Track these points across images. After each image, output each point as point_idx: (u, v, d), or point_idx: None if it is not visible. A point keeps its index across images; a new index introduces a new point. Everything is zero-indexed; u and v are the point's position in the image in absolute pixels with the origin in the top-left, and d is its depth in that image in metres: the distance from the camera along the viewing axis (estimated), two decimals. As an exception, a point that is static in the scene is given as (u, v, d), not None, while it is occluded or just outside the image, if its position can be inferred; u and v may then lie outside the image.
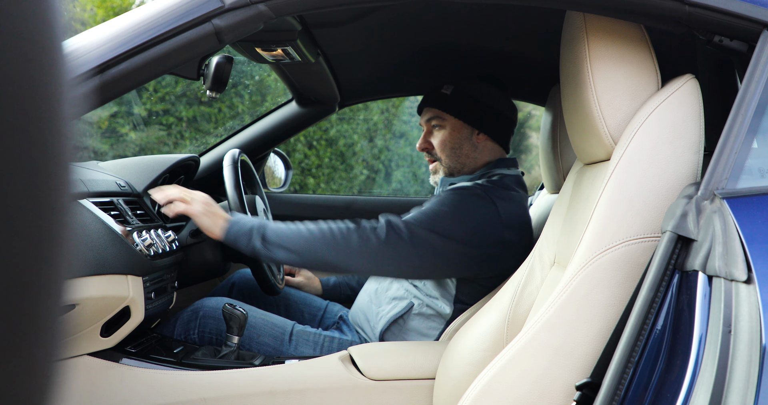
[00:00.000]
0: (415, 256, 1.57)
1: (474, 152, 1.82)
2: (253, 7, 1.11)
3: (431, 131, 1.85)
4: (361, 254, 1.56)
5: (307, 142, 6.67)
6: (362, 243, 1.56)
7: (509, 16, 1.69)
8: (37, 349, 0.27)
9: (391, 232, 1.57)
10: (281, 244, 1.57)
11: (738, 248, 0.88)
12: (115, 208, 1.52)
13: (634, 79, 1.12)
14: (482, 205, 1.64)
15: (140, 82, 1.13)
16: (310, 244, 1.57)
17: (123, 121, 6.02)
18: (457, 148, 1.82)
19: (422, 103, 1.89)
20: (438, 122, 1.83)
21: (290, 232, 1.59)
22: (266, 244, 1.57)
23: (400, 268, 1.59)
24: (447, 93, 1.82)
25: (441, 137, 1.82)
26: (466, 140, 1.82)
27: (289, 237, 1.58)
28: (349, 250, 1.56)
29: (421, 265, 1.59)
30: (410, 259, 1.57)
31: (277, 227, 1.60)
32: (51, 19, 0.27)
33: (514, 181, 1.77)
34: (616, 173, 1.05)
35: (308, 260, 1.58)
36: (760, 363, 0.82)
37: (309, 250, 1.57)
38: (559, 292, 1.05)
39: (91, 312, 1.32)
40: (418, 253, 1.57)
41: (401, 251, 1.56)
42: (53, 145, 0.27)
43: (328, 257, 1.57)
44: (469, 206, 1.64)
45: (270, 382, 1.43)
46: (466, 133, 1.82)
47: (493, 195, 1.67)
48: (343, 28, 1.80)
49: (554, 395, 1.03)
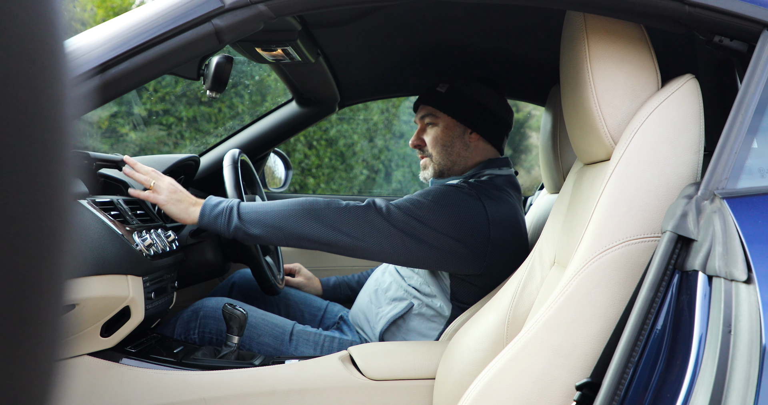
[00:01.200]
0: (397, 239, 1.55)
1: (465, 151, 1.83)
2: (253, 7, 1.11)
3: (424, 128, 1.86)
4: (340, 227, 1.54)
5: (307, 142, 6.67)
6: (341, 216, 1.54)
7: (509, 16, 1.69)
8: (39, 348, 0.27)
9: (371, 210, 1.56)
10: (259, 220, 1.54)
11: (738, 248, 0.88)
12: (115, 208, 1.52)
13: (634, 79, 1.13)
14: (468, 200, 1.64)
15: (140, 82, 1.13)
16: (289, 217, 1.54)
17: (123, 121, 6.03)
18: (449, 146, 1.82)
19: (417, 100, 1.90)
20: (431, 120, 1.84)
21: (265, 206, 1.57)
22: (243, 222, 1.55)
23: (382, 249, 1.56)
24: (442, 91, 1.83)
25: (433, 134, 1.83)
26: (458, 138, 1.82)
27: (265, 212, 1.56)
28: (328, 222, 1.54)
29: (404, 249, 1.56)
30: (391, 239, 1.55)
31: (252, 204, 1.58)
32: (52, 18, 0.27)
33: (504, 181, 1.77)
34: (616, 173, 1.06)
35: (288, 235, 1.55)
36: (760, 363, 0.82)
37: (285, 223, 1.54)
38: (559, 292, 1.05)
39: (91, 312, 1.32)
40: (400, 236, 1.55)
41: (381, 230, 1.54)
42: (54, 144, 0.27)
43: (307, 230, 1.54)
44: (454, 200, 1.63)
45: (270, 382, 1.43)
46: (459, 131, 1.82)
47: (480, 193, 1.67)
48: (343, 28, 1.80)
49: (554, 395, 1.03)
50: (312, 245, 1.57)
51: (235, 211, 1.56)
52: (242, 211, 1.56)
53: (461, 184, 1.70)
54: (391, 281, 1.81)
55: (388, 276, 1.84)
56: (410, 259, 1.60)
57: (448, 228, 1.59)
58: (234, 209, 1.56)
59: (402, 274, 1.81)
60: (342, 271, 2.41)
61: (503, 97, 1.88)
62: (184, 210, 1.58)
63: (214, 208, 1.57)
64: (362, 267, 2.45)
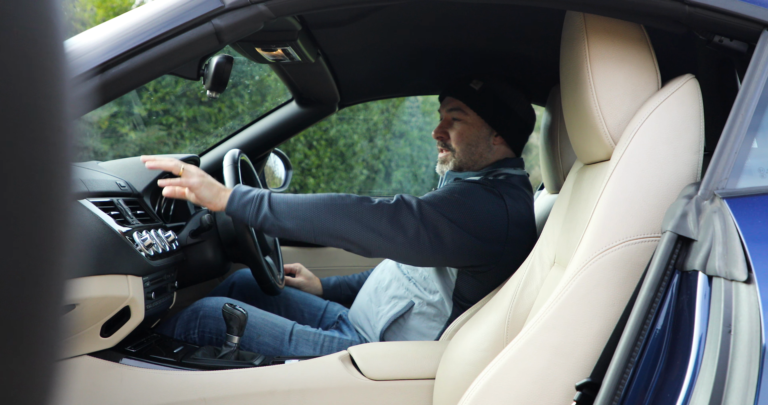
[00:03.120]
0: (424, 236, 1.52)
1: (488, 152, 1.82)
2: (253, 7, 1.11)
3: (450, 122, 1.83)
4: (372, 225, 1.50)
5: (307, 142, 6.67)
6: (374, 213, 1.51)
7: (509, 16, 1.69)
8: (39, 348, 0.27)
9: (402, 206, 1.53)
10: (290, 212, 1.51)
11: (738, 248, 0.88)
12: (115, 208, 1.52)
13: (634, 79, 1.12)
14: (492, 199, 1.64)
15: (140, 82, 1.13)
16: (320, 211, 1.51)
17: (123, 121, 6.02)
18: (473, 145, 1.81)
19: (446, 90, 1.86)
20: (459, 115, 1.81)
21: (297, 198, 1.53)
22: (273, 212, 1.51)
23: (409, 248, 1.53)
24: (475, 88, 1.80)
25: (459, 130, 1.81)
26: (483, 139, 1.81)
27: (297, 204, 1.52)
28: (359, 219, 1.50)
29: (429, 247, 1.53)
30: (419, 237, 1.52)
31: (283, 195, 1.54)
32: (52, 18, 0.27)
33: (520, 181, 1.77)
34: (616, 173, 1.05)
35: (318, 229, 1.51)
36: (760, 363, 0.82)
37: (317, 217, 1.50)
38: (559, 292, 1.05)
39: (91, 312, 1.32)
40: (427, 232, 1.53)
41: (411, 227, 1.52)
42: (55, 144, 0.27)
43: (338, 225, 1.50)
44: (479, 198, 1.62)
45: (270, 382, 1.43)
46: (485, 132, 1.81)
47: (502, 191, 1.67)
48: (343, 28, 1.80)
49: (554, 395, 1.03)
50: (339, 243, 1.53)
51: (266, 200, 1.52)
52: (273, 201, 1.52)
53: (484, 181, 1.70)
54: (390, 279, 1.81)
55: (388, 273, 1.84)
56: (433, 258, 1.58)
57: (472, 225, 1.58)
58: (265, 198, 1.52)
59: (402, 269, 1.80)
60: (342, 271, 2.41)
61: (530, 101, 1.87)
62: (216, 194, 1.53)
63: (244, 195, 1.53)
64: (362, 267, 2.45)
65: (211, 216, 1.85)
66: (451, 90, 1.84)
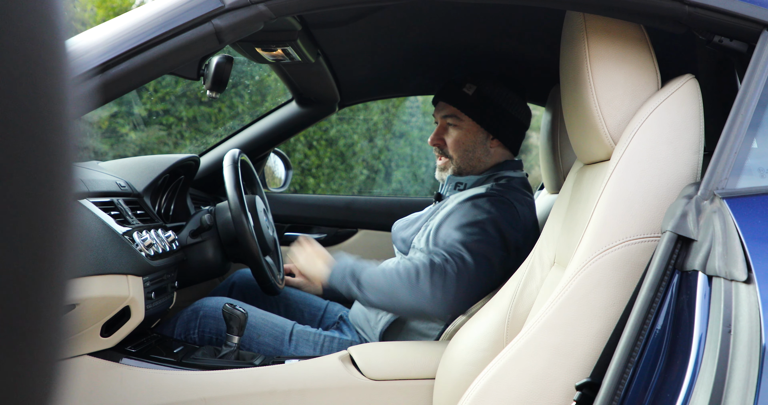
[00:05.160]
0: (476, 278, 1.57)
1: (486, 156, 1.82)
2: (253, 7, 1.11)
3: (446, 128, 1.82)
4: (435, 293, 1.54)
5: (307, 142, 6.67)
6: (436, 278, 1.54)
7: (509, 16, 1.69)
8: (40, 348, 0.27)
9: (459, 262, 1.56)
10: (372, 286, 1.60)
11: (738, 248, 0.88)
12: (115, 208, 1.52)
13: (634, 79, 1.13)
14: (507, 210, 1.65)
15: (140, 82, 1.13)
16: (391, 285, 1.57)
17: (123, 121, 6.02)
18: (470, 151, 1.81)
19: (439, 96, 1.85)
20: (454, 121, 1.80)
21: (376, 272, 1.62)
22: (361, 287, 1.61)
23: (471, 296, 1.58)
24: (468, 93, 1.78)
25: (455, 137, 1.80)
26: (480, 144, 1.81)
27: (377, 277, 1.60)
28: (423, 289, 1.54)
29: (483, 283, 1.59)
30: (479, 279, 1.57)
31: (371, 270, 1.62)
32: (53, 18, 0.27)
33: (520, 183, 1.77)
34: (616, 173, 1.06)
35: (393, 302, 1.58)
36: (760, 363, 0.82)
37: (391, 290, 1.57)
38: (559, 292, 1.05)
39: (92, 312, 1.32)
40: (478, 272, 1.57)
41: (470, 278, 1.56)
42: (56, 144, 0.27)
43: (407, 299, 1.56)
44: (501, 213, 1.64)
45: (270, 382, 1.43)
46: (481, 137, 1.80)
47: (511, 197, 1.68)
48: (343, 28, 1.80)
49: (554, 395, 1.03)
50: (418, 315, 1.66)
51: (355, 278, 1.62)
52: (361, 278, 1.62)
53: (492, 192, 1.70)
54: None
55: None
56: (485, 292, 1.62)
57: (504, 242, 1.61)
58: (355, 276, 1.62)
59: None
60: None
61: (525, 100, 1.86)
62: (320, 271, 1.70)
63: (341, 272, 1.65)
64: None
65: (211, 216, 1.85)
66: (444, 95, 1.83)
